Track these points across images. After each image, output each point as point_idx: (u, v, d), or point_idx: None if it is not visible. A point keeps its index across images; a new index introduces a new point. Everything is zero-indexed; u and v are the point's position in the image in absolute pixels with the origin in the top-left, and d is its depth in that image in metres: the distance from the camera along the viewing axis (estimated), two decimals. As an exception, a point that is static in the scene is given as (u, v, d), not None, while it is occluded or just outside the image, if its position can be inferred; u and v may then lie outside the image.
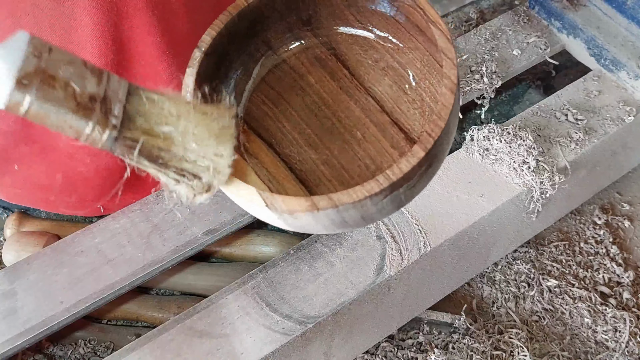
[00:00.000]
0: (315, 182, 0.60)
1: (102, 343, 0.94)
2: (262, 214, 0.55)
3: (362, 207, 0.51)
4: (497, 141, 0.92)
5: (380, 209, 0.54)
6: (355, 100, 0.64)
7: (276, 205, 0.51)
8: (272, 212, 0.52)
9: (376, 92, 0.64)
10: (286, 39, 0.66)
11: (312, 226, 0.54)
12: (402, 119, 0.61)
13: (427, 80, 0.62)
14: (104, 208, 0.97)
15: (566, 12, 1.11)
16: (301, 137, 0.63)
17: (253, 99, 0.65)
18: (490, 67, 1.04)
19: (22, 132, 0.88)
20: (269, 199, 0.52)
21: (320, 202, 0.50)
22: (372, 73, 0.64)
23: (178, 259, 0.86)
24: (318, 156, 0.62)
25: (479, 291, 1.04)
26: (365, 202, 0.51)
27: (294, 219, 0.53)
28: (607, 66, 1.06)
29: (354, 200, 0.50)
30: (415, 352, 0.95)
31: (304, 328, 0.78)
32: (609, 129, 0.98)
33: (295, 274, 0.82)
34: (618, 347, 0.97)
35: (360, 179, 0.60)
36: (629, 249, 1.09)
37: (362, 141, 0.62)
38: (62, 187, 0.93)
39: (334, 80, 0.65)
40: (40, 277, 0.83)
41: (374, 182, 0.50)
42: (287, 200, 0.51)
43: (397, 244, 0.85)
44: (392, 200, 0.53)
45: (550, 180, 0.90)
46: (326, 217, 0.52)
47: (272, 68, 0.66)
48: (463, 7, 1.26)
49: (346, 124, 0.63)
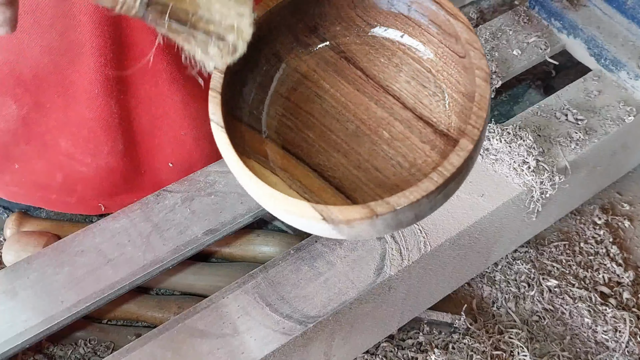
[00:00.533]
0: (351, 188, 0.60)
1: (102, 343, 0.94)
2: (315, 228, 0.54)
3: (419, 207, 0.51)
4: (497, 141, 0.92)
5: (433, 206, 0.54)
6: (375, 101, 0.63)
7: (333, 217, 0.50)
8: (328, 224, 0.52)
9: (394, 90, 0.63)
10: (294, 49, 0.65)
11: (367, 232, 0.53)
12: (426, 113, 0.61)
13: (445, 72, 0.62)
14: (105, 207, 0.97)
15: (566, 12, 1.11)
16: (327, 145, 0.62)
17: (271, 113, 0.64)
18: (490, 67, 1.04)
19: (22, 131, 0.88)
20: (324, 211, 0.51)
21: (378, 207, 0.50)
22: (387, 71, 0.64)
23: (178, 259, 0.86)
24: (348, 161, 0.61)
25: (479, 291, 1.04)
26: (422, 201, 0.50)
27: (350, 228, 0.52)
28: (607, 66, 1.06)
29: (412, 202, 0.50)
30: (416, 352, 0.95)
31: (304, 328, 0.78)
32: (609, 129, 0.98)
33: (295, 273, 0.82)
34: (618, 347, 0.97)
35: (396, 178, 0.59)
36: (629, 249, 1.09)
37: (390, 140, 0.61)
38: (62, 186, 0.93)
39: (349, 83, 0.64)
40: (40, 277, 0.83)
41: (428, 181, 0.50)
42: (344, 210, 0.50)
43: (397, 244, 0.85)
44: (444, 195, 0.53)
45: (550, 180, 0.90)
46: (383, 222, 0.51)
47: (285, 79, 0.65)
48: (463, 7, 1.26)
49: (370, 125, 0.62)
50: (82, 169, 0.91)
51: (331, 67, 0.65)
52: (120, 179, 0.93)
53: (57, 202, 0.96)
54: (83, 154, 0.89)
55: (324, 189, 0.60)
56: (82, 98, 0.84)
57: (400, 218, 0.52)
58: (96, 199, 0.96)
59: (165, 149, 0.93)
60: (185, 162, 0.94)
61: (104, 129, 0.87)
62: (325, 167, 0.61)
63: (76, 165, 0.91)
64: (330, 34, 0.65)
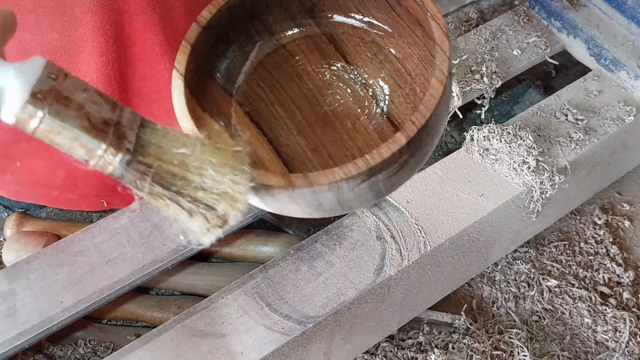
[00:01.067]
0: (299, 168, 0.60)
1: (102, 343, 0.94)
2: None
3: (339, 190, 0.51)
4: (497, 141, 0.92)
5: (358, 195, 0.53)
6: (351, 91, 0.64)
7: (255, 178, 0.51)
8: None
9: (372, 85, 0.64)
10: (287, 26, 0.66)
11: (289, 207, 0.53)
12: (394, 113, 0.61)
13: (423, 76, 0.62)
14: (107, 203, 0.97)
15: (566, 12, 1.11)
16: (293, 124, 0.63)
17: (249, 81, 0.65)
18: (490, 67, 1.04)
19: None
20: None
21: (296, 180, 0.50)
22: (370, 65, 0.64)
23: (178, 259, 0.86)
24: (307, 143, 0.62)
25: (479, 291, 1.04)
26: (342, 184, 0.50)
27: (271, 197, 0.52)
28: (607, 66, 1.06)
29: (330, 181, 0.49)
30: (415, 352, 0.95)
31: (303, 328, 0.78)
32: (609, 128, 0.98)
33: (295, 273, 0.82)
34: (618, 347, 0.97)
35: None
36: (629, 249, 1.09)
37: (352, 131, 0.62)
38: (63, 182, 0.93)
39: (331, 71, 0.65)
40: (40, 277, 0.83)
41: (351, 165, 0.49)
42: (264, 175, 0.50)
43: (397, 244, 0.85)
44: (370, 187, 0.52)
45: (550, 180, 0.90)
46: (302, 198, 0.51)
47: (271, 52, 0.66)
48: (463, 7, 1.26)
49: (338, 114, 0.63)
50: (83, 166, 0.91)
51: (320, 51, 0.66)
52: None
53: (59, 199, 0.96)
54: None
55: (273, 162, 0.60)
56: None
57: (319, 198, 0.51)
58: (98, 194, 0.96)
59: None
60: None
61: None
62: (282, 143, 0.62)
63: (77, 162, 0.91)
64: (326, 19, 0.66)
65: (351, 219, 0.87)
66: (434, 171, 0.92)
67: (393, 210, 0.88)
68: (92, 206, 0.98)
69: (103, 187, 0.95)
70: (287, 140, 0.62)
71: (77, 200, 0.97)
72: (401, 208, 0.88)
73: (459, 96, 1.00)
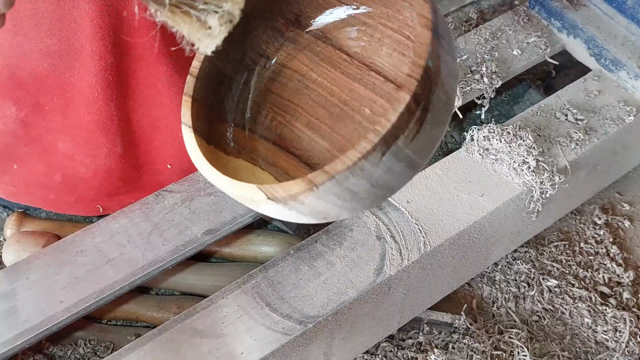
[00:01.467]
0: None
1: (102, 343, 0.94)
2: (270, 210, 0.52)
3: (363, 172, 0.47)
4: (497, 141, 0.92)
5: (388, 170, 0.49)
6: (359, 80, 0.62)
7: (276, 195, 0.48)
8: (277, 204, 0.49)
9: (377, 65, 0.61)
10: (280, 44, 0.65)
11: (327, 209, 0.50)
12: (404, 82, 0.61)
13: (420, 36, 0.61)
14: (103, 208, 0.97)
15: (566, 12, 1.11)
16: (314, 133, 0.61)
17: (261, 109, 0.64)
18: (490, 67, 1.04)
19: (22, 133, 0.88)
20: (269, 191, 0.49)
21: (316, 177, 0.47)
22: (370, 47, 0.62)
23: (178, 259, 0.86)
24: (332, 145, 0.60)
25: (479, 291, 1.04)
26: (363, 164, 0.47)
27: (302, 205, 0.49)
28: (607, 66, 1.06)
29: (349, 165, 0.46)
30: (415, 352, 0.95)
31: (304, 328, 0.78)
32: (609, 129, 0.98)
33: (295, 273, 0.82)
34: (618, 347, 0.97)
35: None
36: (629, 249, 1.09)
37: (372, 116, 0.60)
38: (61, 186, 0.93)
39: (334, 69, 0.63)
40: (40, 277, 0.83)
41: (364, 141, 0.46)
42: (285, 186, 0.48)
43: (397, 243, 0.85)
44: (396, 157, 0.49)
45: (550, 180, 0.90)
46: (331, 194, 0.48)
47: (274, 76, 0.65)
48: (463, 7, 1.26)
49: (353, 106, 0.61)
50: (81, 170, 0.91)
51: (318, 55, 0.64)
52: (119, 180, 0.93)
53: (56, 202, 0.96)
54: (82, 156, 0.89)
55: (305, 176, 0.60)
56: (82, 101, 0.84)
57: (348, 187, 0.48)
58: (95, 199, 0.97)
59: (164, 151, 0.93)
60: (183, 163, 0.94)
61: (102, 131, 0.87)
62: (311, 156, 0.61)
63: (75, 166, 0.91)
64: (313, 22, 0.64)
65: (351, 219, 0.87)
66: (434, 171, 0.92)
67: (393, 210, 0.88)
68: (87, 211, 0.98)
69: (100, 192, 0.95)
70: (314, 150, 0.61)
71: (73, 204, 0.97)
72: (401, 208, 0.88)
73: (459, 96, 1.00)
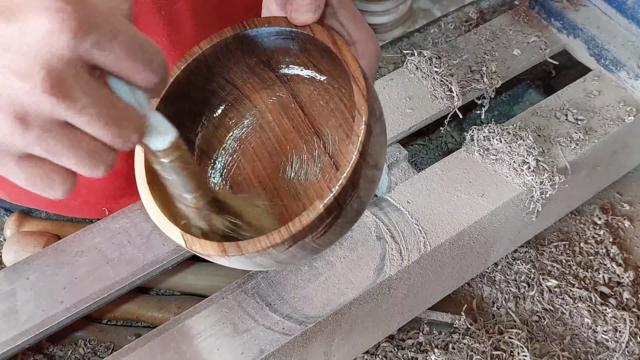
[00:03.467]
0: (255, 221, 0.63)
1: (102, 343, 0.94)
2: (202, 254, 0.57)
3: (270, 255, 0.53)
4: (497, 141, 0.92)
5: (293, 255, 0.54)
6: (305, 140, 0.65)
7: (194, 248, 0.54)
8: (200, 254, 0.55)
9: (323, 134, 0.64)
10: (249, 79, 0.67)
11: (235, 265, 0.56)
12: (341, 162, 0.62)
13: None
14: (109, 210, 0.97)
15: (566, 12, 1.11)
16: (254, 175, 0.66)
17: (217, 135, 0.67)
18: (490, 67, 1.04)
19: None
20: (189, 241, 0.54)
21: (229, 248, 0.52)
22: (322, 114, 0.65)
23: (178, 259, 0.86)
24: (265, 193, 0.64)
25: (479, 291, 1.04)
26: (270, 250, 0.52)
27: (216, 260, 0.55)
28: (607, 66, 1.06)
29: (258, 250, 0.51)
30: (415, 352, 0.95)
31: (304, 328, 0.78)
32: (609, 129, 0.98)
33: (295, 273, 0.82)
34: (618, 347, 0.97)
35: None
36: (629, 249, 1.09)
37: (305, 181, 0.63)
38: None
39: (288, 119, 0.66)
40: (40, 277, 0.83)
41: (276, 233, 0.51)
42: (203, 243, 0.53)
43: (397, 244, 0.85)
44: (302, 248, 0.54)
45: (550, 180, 0.90)
46: (238, 262, 0.54)
47: (236, 105, 0.67)
48: (463, 7, 1.26)
49: (293, 163, 0.65)
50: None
51: (279, 101, 0.67)
52: (124, 182, 0.93)
53: (60, 204, 0.96)
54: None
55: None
56: None
57: (255, 261, 0.53)
58: (100, 202, 0.97)
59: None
60: None
61: None
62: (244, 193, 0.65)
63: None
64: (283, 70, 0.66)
65: (351, 219, 0.87)
66: (434, 171, 0.92)
67: (393, 210, 0.88)
68: (93, 214, 0.98)
69: (105, 194, 0.95)
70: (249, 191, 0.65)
71: (78, 207, 0.97)
72: (401, 208, 0.88)
73: (459, 96, 1.00)
